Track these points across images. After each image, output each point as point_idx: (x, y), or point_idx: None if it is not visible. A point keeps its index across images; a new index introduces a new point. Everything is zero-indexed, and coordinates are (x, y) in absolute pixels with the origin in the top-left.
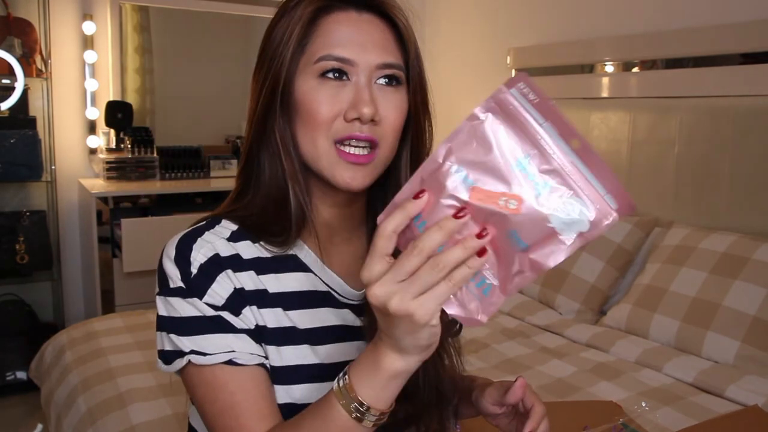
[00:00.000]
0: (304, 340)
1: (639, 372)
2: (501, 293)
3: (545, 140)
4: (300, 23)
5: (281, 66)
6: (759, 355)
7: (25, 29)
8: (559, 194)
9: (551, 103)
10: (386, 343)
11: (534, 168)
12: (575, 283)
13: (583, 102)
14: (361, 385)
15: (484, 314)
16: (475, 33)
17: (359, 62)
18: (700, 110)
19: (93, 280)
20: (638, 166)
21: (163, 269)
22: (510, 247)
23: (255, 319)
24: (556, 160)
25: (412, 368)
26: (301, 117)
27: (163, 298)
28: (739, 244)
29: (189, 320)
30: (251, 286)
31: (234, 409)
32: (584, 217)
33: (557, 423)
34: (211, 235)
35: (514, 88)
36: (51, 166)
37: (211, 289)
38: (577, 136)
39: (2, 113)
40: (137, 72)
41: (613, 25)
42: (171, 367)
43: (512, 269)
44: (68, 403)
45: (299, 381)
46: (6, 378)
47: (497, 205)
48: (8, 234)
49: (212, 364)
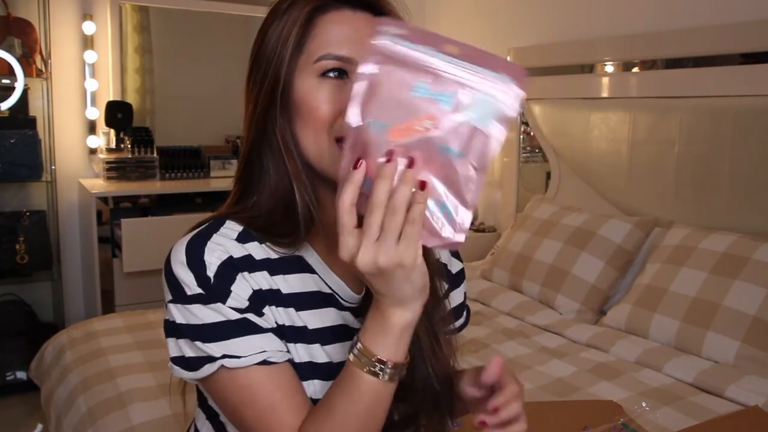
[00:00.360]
0: (314, 339)
1: (639, 372)
2: (464, 208)
3: (427, 60)
4: (297, 24)
5: (280, 67)
6: (759, 355)
7: (25, 29)
8: (462, 96)
9: (416, 27)
10: (387, 302)
11: (430, 87)
12: (575, 283)
13: (583, 102)
14: (376, 346)
15: (458, 234)
16: (475, 33)
17: (356, 60)
18: (700, 110)
19: (93, 280)
20: (638, 166)
21: (175, 276)
22: (450, 162)
23: (275, 318)
24: (443, 72)
25: (417, 314)
26: (302, 116)
27: (179, 306)
28: (739, 244)
29: (214, 326)
30: (266, 286)
31: (275, 408)
32: (490, 102)
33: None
34: (220, 237)
35: (381, 33)
36: (51, 166)
37: (232, 292)
38: (450, 42)
39: (2, 113)
40: (137, 72)
41: (613, 25)
42: (198, 374)
43: (460, 180)
44: (68, 403)
45: (313, 377)
46: (6, 378)
47: (418, 132)
48: (8, 234)
49: (247, 366)
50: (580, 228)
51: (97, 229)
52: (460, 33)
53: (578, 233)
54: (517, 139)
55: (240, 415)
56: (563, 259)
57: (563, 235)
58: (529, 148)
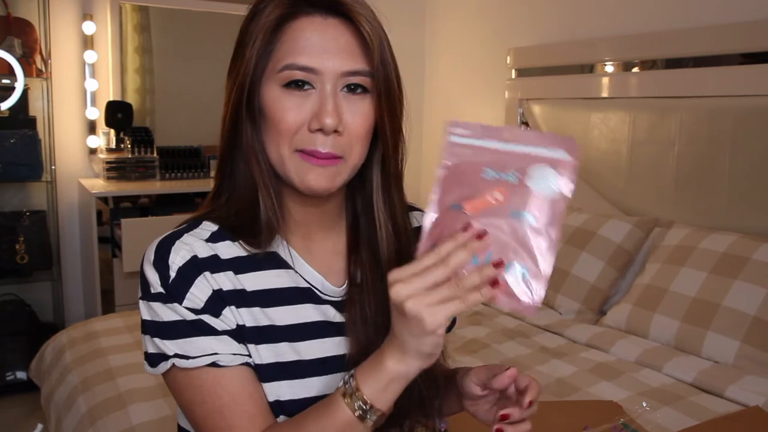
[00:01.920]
0: (283, 337)
1: (639, 372)
2: (539, 275)
3: (491, 147)
4: (264, 29)
5: (247, 72)
6: (759, 355)
7: (25, 29)
8: (524, 171)
9: (477, 124)
10: (393, 343)
11: (496, 169)
12: (575, 283)
13: (583, 102)
14: (365, 383)
15: (535, 303)
16: (475, 33)
17: (324, 70)
18: (700, 110)
19: (93, 280)
20: (638, 166)
21: (144, 274)
22: (524, 230)
23: (235, 319)
24: (506, 155)
25: (411, 374)
26: (267, 124)
27: (145, 303)
28: (739, 244)
29: (171, 324)
30: (229, 286)
31: (222, 411)
32: (548, 172)
33: (557, 423)
34: (190, 237)
35: (451, 134)
36: (51, 166)
37: (189, 293)
38: (507, 130)
39: (2, 113)
40: (137, 72)
41: (613, 25)
42: (156, 370)
43: (533, 245)
44: (68, 403)
45: (279, 378)
46: (6, 378)
47: (491, 204)
48: (8, 234)
49: (195, 367)
50: (580, 228)
51: (97, 229)
52: (461, 33)
53: (578, 233)
54: None
55: (192, 415)
56: (563, 259)
57: (563, 235)
58: None
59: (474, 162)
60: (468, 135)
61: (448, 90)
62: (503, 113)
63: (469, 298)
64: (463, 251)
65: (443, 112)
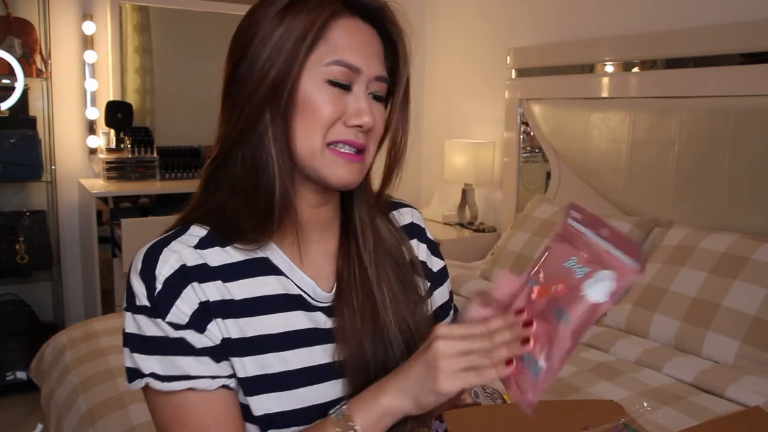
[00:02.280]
0: (269, 347)
1: (639, 372)
2: (551, 373)
3: (588, 239)
4: (315, 26)
5: (291, 65)
6: (759, 355)
7: (25, 29)
8: (594, 273)
9: (590, 213)
10: (397, 381)
11: (578, 261)
12: None
13: (583, 102)
14: (359, 413)
15: (531, 402)
16: (475, 33)
17: (364, 71)
18: (700, 110)
19: (93, 280)
20: (638, 166)
21: (131, 284)
22: (557, 326)
23: (221, 333)
24: (594, 248)
25: (402, 413)
26: (304, 114)
27: (130, 315)
28: (739, 244)
29: (153, 339)
30: (217, 296)
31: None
32: (611, 281)
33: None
34: (178, 244)
35: (569, 218)
36: (51, 166)
37: (175, 307)
38: (605, 226)
39: (2, 113)
40: (137, 72)
41: (613, 25)
42: (131, 386)
43: (557, 344)
44: (68, 403)
45: (263, 391)
46: (6, 378)
47: (550, 294)
48: (8, 234)
49: (170, 391)
50: None
51: (97, 229)
52: (461, 33)
53: None
54: (517, 139)
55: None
56: None
57: None
58: (529, 148)
59: (569, 249)
60: (580, 221)
61: (448, 90)
62: (503, 113)
63: (486, 373)
64: (508, 334)
65: (443, 112)
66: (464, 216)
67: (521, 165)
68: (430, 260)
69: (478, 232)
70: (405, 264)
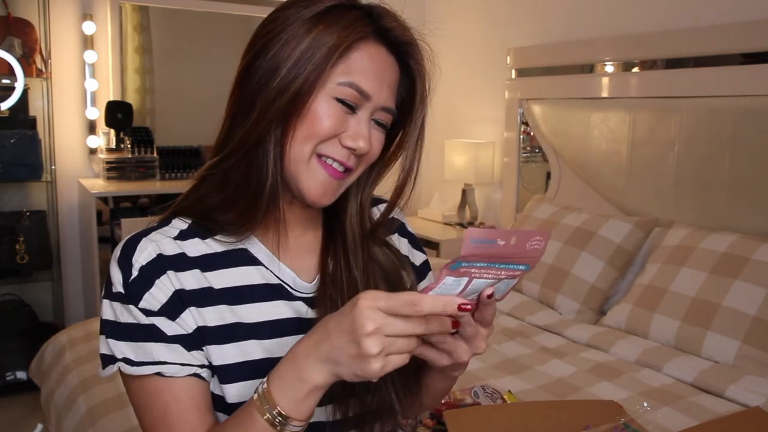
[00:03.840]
0: (250, 335)
1: (639, 372)
2: None
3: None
4: (343, 45)
5: (318, 76)
6: (759, 355)
7: (25, 29)
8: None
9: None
10: (320, 354)
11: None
12: (575, 283)
13: (583, 102)
14: (281, 396)
15: None
16: (476, 33)
17: (373, 98)
18: (700, 110)
19: (93, 280)
20: (638, 166)
21: (109, 272)
22: None
23: (195, 321)
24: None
25: (329, 384)
26: (305, 121)
27: (107, 302)
28: (739, 244)
29: (125, 326)
30: (194, 285)
31: (167, 419)
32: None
33: (558, 423)
34: (158, 234)
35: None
36: (51, 166)
37: (148, 294)
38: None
39: (2, 113)
40: (137, 72)
41: (613, 25)
42: (104, 372)
43: None
44: (68, 403)
45: (242, 378)
46: (6, 378)
47: None
48: (8, 234)
49: (138, 375)
50: (580, 228)
51: (97, 229)
52: (461, 33)
53: (578, 233)
54: (517, 139)
55: (139, 416)
56: (563, 259)
57: (563, 235)
58: (529, 148)
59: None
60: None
61: (448, 90)
62: (503, 113)
63: (404, 358)
64: (441, 324)
65: (443, 112)
66: (464, 216)
67: (521, 165)
68: (411, 254)
69: None
70: (399, 258)
